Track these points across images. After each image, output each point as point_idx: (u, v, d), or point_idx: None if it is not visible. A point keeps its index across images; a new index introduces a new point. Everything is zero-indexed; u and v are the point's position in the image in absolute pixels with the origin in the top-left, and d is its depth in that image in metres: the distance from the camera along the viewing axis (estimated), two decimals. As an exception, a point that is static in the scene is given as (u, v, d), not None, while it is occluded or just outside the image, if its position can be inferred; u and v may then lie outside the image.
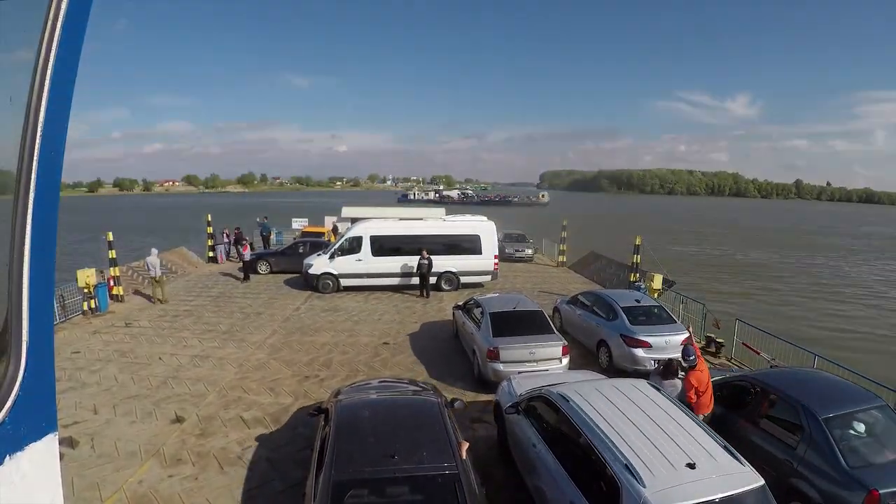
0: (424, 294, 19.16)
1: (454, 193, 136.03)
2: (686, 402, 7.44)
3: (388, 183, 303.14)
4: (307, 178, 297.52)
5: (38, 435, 1.72)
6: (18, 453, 1.64)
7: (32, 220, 1.60)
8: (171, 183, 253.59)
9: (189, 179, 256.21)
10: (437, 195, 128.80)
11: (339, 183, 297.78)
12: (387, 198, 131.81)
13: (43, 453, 1.75)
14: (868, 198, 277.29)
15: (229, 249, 27.11)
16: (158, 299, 17.56)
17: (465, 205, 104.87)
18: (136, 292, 18.87)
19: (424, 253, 18.95)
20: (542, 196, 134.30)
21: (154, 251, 17.91)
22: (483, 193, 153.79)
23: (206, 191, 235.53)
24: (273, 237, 31.80)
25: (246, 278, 21.52)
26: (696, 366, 7.71)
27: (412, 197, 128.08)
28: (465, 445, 6.01)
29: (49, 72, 1.60)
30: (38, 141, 1.59)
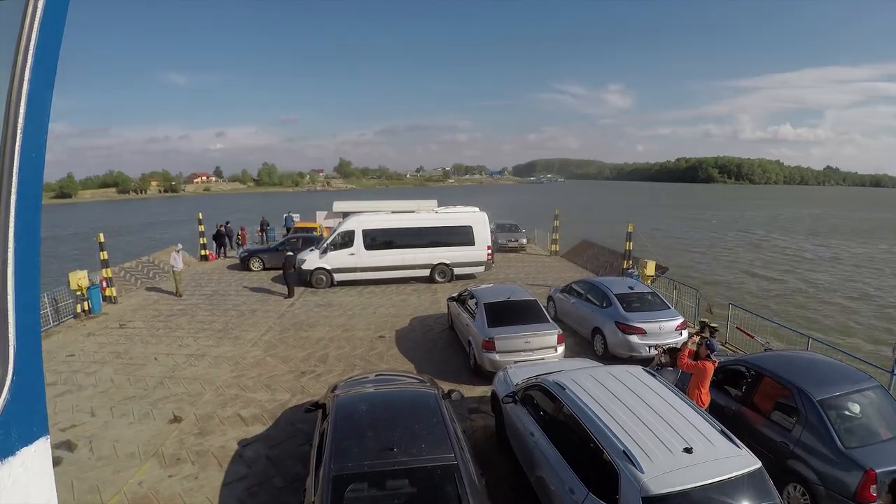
0: (289, 293, 18.10)
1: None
2: (685, 389, 7.50)
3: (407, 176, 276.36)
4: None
5: (29, 439, 1.71)
6: (10, 458, 1.63)
7: (15, 223, 1.58)
8: (204, 178, 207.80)
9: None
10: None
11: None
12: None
13: (35, 458, 1.73)
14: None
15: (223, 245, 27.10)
16: (177, 292, 18.50)
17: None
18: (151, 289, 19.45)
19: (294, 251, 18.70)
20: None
21: (179, 246, 19.42)
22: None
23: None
24: (267, 233, 31.80)
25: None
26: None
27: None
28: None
29: (27, 73, 1.57)
30: (18, 143, 1.56)
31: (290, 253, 18.70)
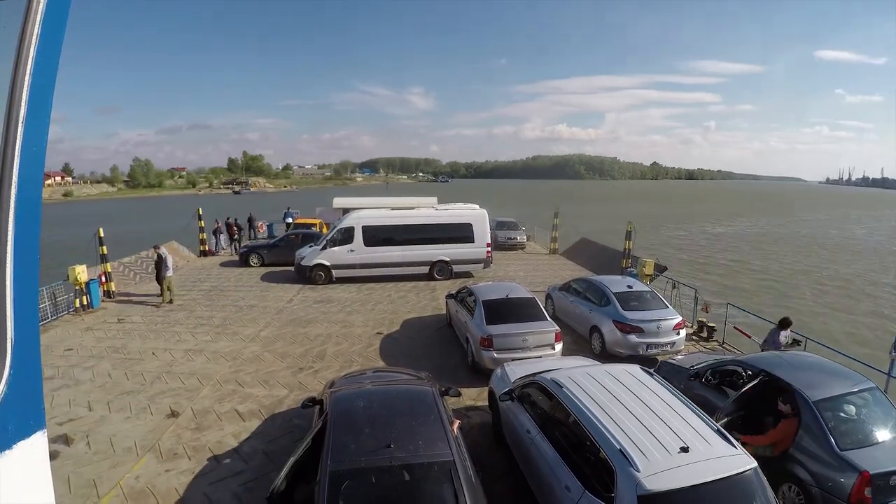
0: (165, 301, 16.60)
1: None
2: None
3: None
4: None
5: (26, 433, 1.71)
6: (7, 452, 1.63)
7: (15, 218, 1.58)
8: (58, 179, 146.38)
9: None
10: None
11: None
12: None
13: (32, 451, 1.74)
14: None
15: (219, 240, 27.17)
16: (167, 301, 16.51)
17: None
18: (123, 293, 18.77)
19: (154, 250, 17.15)
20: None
21: (163, 248, 17.56)
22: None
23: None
24: (265, 230, 31.88)
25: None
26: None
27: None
28: (457, 423, 6.13)
29: (29, 70, 1.58)
30: (18, 138, 1.57)
31: (161, 252, 16.78)
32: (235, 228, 28.08)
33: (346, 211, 23.11)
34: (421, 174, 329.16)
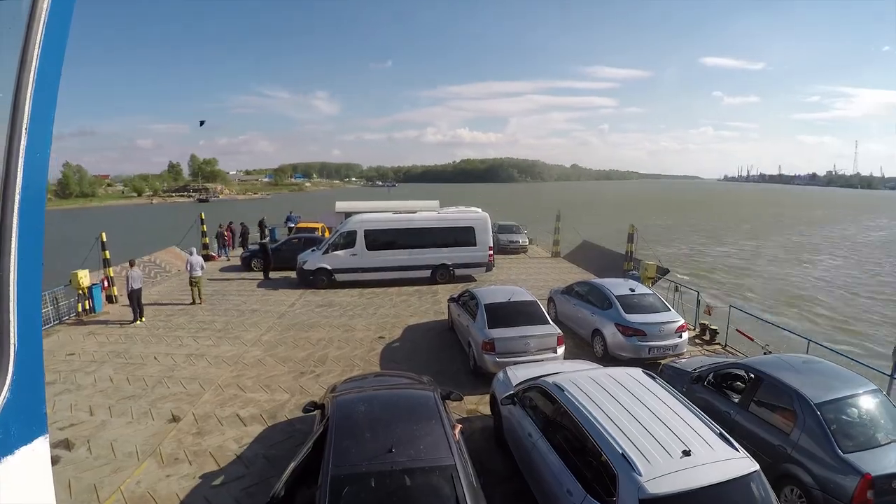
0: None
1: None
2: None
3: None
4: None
5: (28, 438, 1.71)
6: (9, 457, 1.63)
7: (19, 222, 1.59)
8: None
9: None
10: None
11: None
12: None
13: (34, 457, 1.73)
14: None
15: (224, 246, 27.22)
16: (195, 301, 17.18)
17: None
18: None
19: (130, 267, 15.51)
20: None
21: (194, 249, 17.99)
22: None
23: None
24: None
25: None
26: None
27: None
28: (459, 427, 6.11)
29: (32, 72, 1.58)
30: (22, 143, 1.57)
31: (132, 272, 14.94)
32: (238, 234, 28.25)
33: (347, 215, 23.12)
34: (354, 179, 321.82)
